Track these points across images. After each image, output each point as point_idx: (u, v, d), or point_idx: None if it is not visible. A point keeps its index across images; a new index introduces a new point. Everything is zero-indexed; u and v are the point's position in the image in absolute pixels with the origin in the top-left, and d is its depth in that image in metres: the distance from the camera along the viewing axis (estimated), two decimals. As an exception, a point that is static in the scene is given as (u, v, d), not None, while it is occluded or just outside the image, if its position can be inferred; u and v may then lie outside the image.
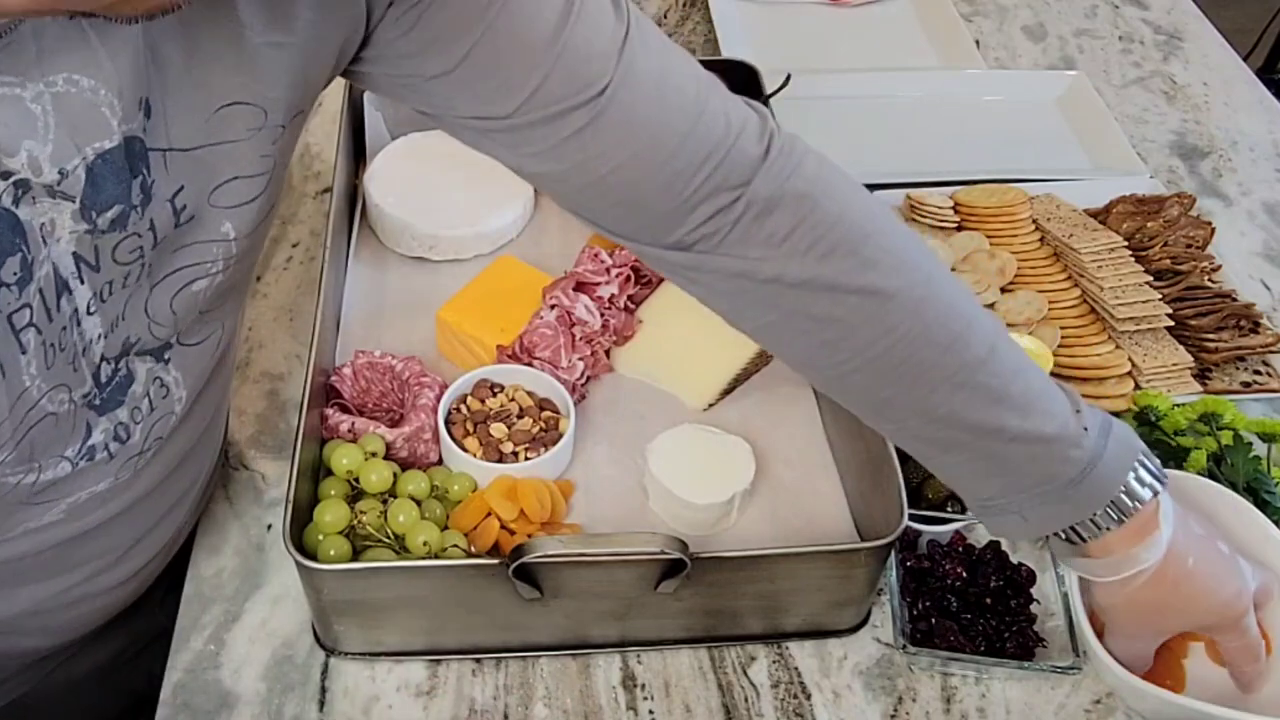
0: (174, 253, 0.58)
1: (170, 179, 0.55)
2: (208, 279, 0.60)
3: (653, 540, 0.69)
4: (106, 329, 0.57)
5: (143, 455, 0.65)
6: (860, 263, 0.62)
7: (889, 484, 0.75)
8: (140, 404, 0.62)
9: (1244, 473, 0.84)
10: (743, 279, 0.63)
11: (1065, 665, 0.75)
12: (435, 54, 0.58)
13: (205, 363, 0.67)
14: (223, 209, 0.58)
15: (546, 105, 0.58)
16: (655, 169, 0.60)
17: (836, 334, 0.63)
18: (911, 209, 1.12)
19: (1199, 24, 1.47)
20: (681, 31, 1.41)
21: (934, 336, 0.62)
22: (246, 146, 0.57)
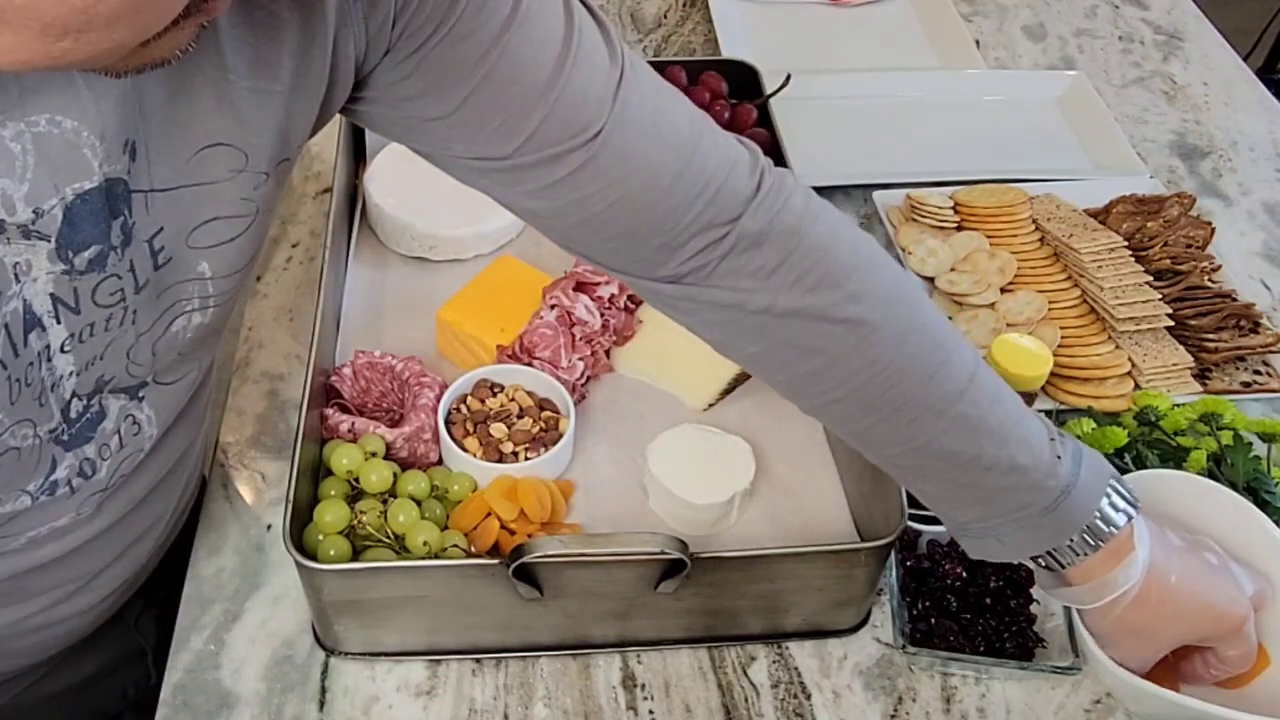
0: (157, 298, 0.58)
1: (150, 220, 0.54)
2: (184, 318, 0.60)
3: (653, 540, 0.69)
4: (80, 367, 0.56)
5: (106, 491, 0.64)
6: (846, 295, 0.63)
7: (889, 484, 0.75)
8: (109, 440, 0.62)
9: (1244, 473, 0.84)
10: (732, 310, 0.64)
11: (1065, 666, 0.75)
12: (434, 98, 0.58)
13: (180, 400, 0.67)
14: (200, 250, 0.58)
15: (543, 148, 0.58)
16: (648, 207, 0.61)
17: (821, 364, 0.64)
18: (911, 209, 1.12)
19: (1199, 24, 1.47)
20: (681, 31, 1.41)
21: (916, 368, 0.63)
22: (227, 188, 0.57)
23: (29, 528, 0.61)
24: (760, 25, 1.41)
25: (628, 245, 0.63)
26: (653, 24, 1.42)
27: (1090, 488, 0.65)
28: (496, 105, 0.57)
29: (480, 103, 0.57)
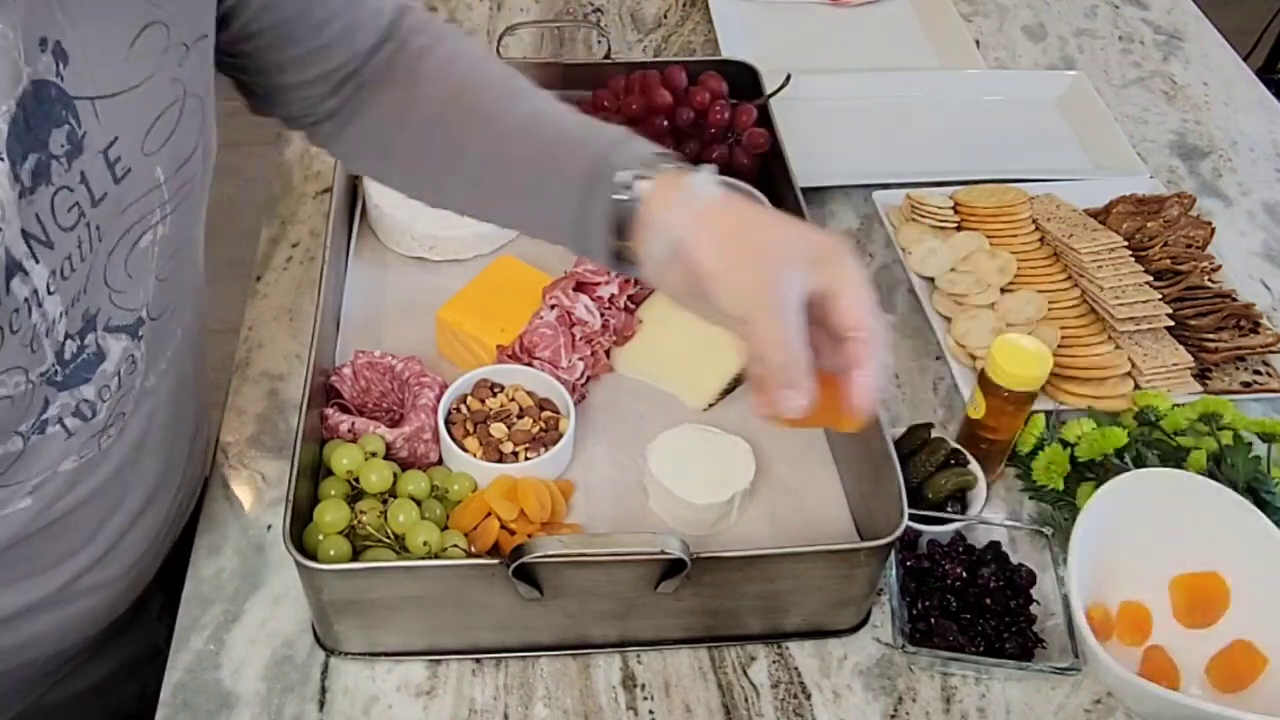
0: (121, 213, 0.58)
1: (103, 129, 0.54)
2: (151, 233, 0.60)
3: (653, 540, 0.70)
4: (67, 305, 0.56)
5: (105, 432, 0.64)
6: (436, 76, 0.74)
7: (889, 484, 0.75)
8: (110, 382, 0.62)
9: (1244, 473, 0.84)
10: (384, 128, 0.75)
11: (1064, 666, 0.75)
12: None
13: (167, 338, 0.68)
14: (154, 154, 0.58)
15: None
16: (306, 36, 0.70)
17: None
18: (911, 209, 1.12)
19: (1199, 24, 1.47)
20: (681, 31, 1.41)
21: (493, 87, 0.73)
22: (161, 75, 0.57)
23: (30, 474, 0.61)
24: (760, 25, 1.41)
25: None
26: (653, 24, 1.42)
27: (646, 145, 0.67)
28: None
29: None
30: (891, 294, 1.07)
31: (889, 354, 0.62)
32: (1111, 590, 0.80)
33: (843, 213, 1.16)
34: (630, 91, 1.10)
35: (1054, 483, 0.87)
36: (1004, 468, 0.90)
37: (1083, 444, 0.86)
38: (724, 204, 0.63)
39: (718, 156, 1.08)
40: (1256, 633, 0.76)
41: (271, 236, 1.09)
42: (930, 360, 1.01)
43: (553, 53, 1.36)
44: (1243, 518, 0.78)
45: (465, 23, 1.40)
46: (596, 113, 1.09)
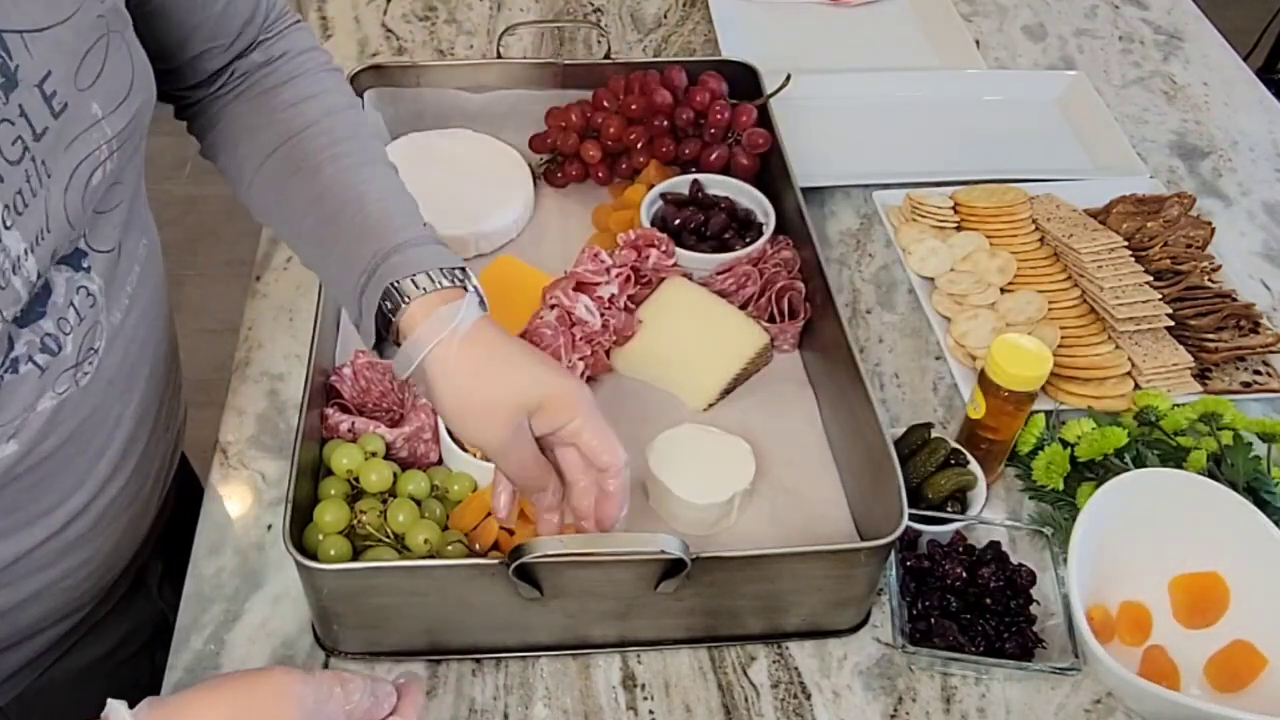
0: (66, 149, 0.58)
1: (35, 63, 0.55)
2: (100, 169, 0.62)
3: (653, 540, 0.69)
4: (31, 242, 0.57)
5: (78, 368, 0.65)
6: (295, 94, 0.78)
7: (889, 484, 0.75)
8: (66, 314, 0.63)
9: (1244, 473, 0.84)
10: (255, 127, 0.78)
11: (1064, 666, 0.75)
12: None
13: (120, 271, 0.69)
14: (88, 90, 0.59)
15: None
16: None
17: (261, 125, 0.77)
18: (911, 209, 1.12)
19: (1199, 24, 1.47)
20: (681, 31, 1.41)
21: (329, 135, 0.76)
22: (84, 13, 0.58)
23: (9, 415, 0.62)
24: (760, 25, 1.41)
25: None
26: (653, 24, 1.42)
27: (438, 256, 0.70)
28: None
29: None
30: (891, 294, 1.07)
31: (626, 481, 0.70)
32: (1111, 590, 0.80)
33: (843, 213, 1.16)
34: (630, 91, 1.10)
35: (1054, 483, 0.87)
36: (1004, 468, 0.90)
37: (1083, 444, 0.86)
38: (469, 342, 0.67)
39: (717, 157, 1.08)
40: (1256, 633, 0.76)
41: (271, 236, 1.09)
42: (930, 360, 1.01)
43: (553, 53, 1.36)
44: (1243, 518, 0.78)
45: (465, 23, 1.40)
46: (596, 113, 1.10)
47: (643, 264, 0.96)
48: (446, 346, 0.67)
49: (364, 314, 0.71)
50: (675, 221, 1.03)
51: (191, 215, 2.53)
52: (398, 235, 0.70)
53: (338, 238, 0.72)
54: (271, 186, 0.76)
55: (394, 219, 0.72)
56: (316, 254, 0.75)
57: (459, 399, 0.68)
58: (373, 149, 0.77)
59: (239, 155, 0.78)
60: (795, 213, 0.99)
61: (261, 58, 0.79)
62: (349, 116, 0.78)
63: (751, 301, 0.97)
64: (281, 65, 0.79)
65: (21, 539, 0.68)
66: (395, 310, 0.68)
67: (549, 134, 1.12)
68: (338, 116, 0.77)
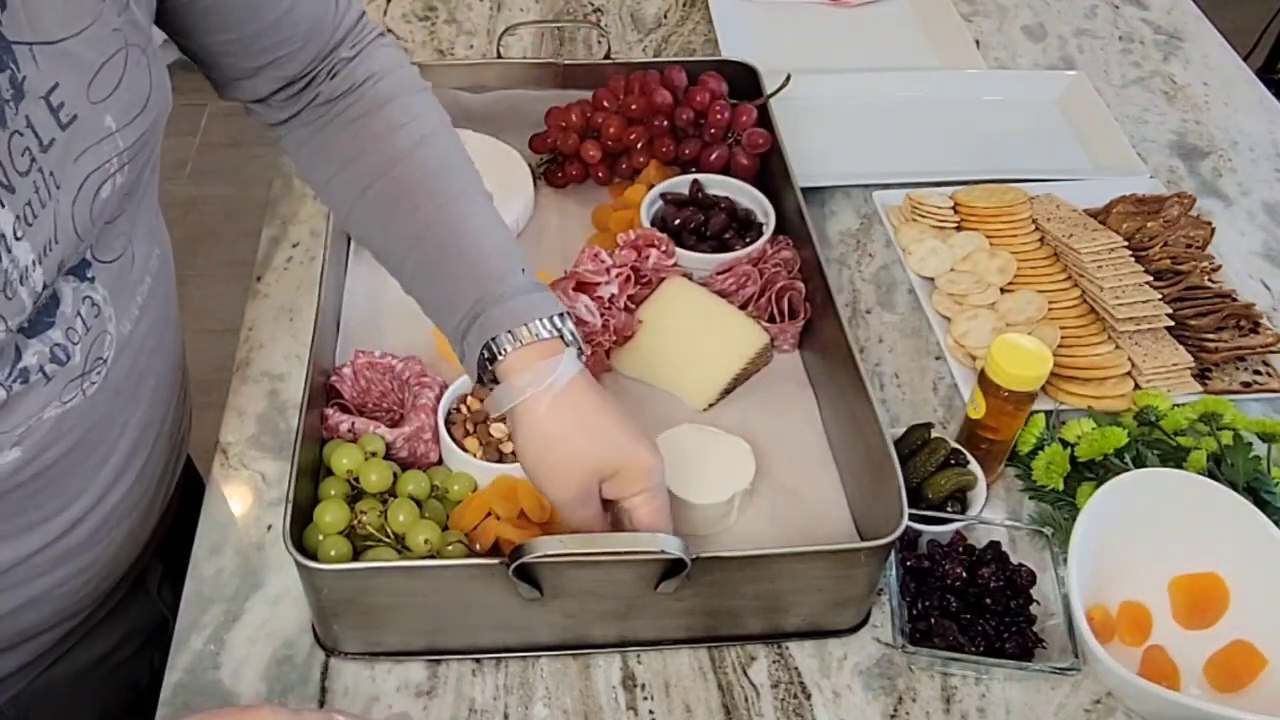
0: (75, 161, 0.58)
1: (42, 75, 0.55)
2: (110, 182, 0.61)
3: (653, 540, 0.70)
4: (39, 253, 0.57)
5: (85, 377, 0.65)
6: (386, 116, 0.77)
7: (889, 484, 0.75)
8: (73, 324, 0.63)
9: (1244, 473, 0.84)
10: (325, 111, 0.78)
11: (1064, 666, 0.75)
12: None
13: (130, 281, 0.69)
14: (102, 103, 0.59)
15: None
16: None
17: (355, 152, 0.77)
18: (911, 209, 1.12)
19: (1199, 24, 1.47)
20: (681, 31, 1.41)
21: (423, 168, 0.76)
22: (100, 26, 0.58)
23: (14, 424, 0.62)
24: (760, 25, 1.41)
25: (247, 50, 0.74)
26: (653, 24, 1.42)
27: (532, 308, 0.72)
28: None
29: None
30: (891, 294, 1.07)
31: None
32: (1111, 590, 0.80)
33: (843, 213, 1.16)
34: (630, 91, 1.10)
35: (1054, 483, 0.87)
36: (1004, 468, 0.90)
37: (1083, 444, 0.86)
38: (560, 400, 0.70)
39: (717, 157, 1.08)
40: (1256, 633, 0.76)
41: (271, 236, 1.09)
42: (930, 360, 1.01)
43: (553, 53, 1.36)
44: (1243, 518, 0.78)
45: (465, 23, 1.40)
46: (596, 113, 1.10)
47: (643, 264, 0.96)
48: (538, 402, 0.70)
49: (465, 357, 0.74)
50: (675, 221, 1.03)
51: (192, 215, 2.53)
52: (497, 285, 0.72)
53: (439, 281, 0.75)
54: (369, 223, 0.78)
55: (492, 263, 0.73)
56: (418, 292, 0.77)
57: (539, 453, 0.71)
58: (466, 178, 0.77)
59: (333, 187, 0.79)
60: (795, 213, 0.99)
61: (346, 83, 0.78)
62: (440, 143, 0.78)
63: (751, 301, 0.97)
64: (368, 91, 0.78)
65: (21, 544, 0.68)
66: (494, 360, 0.72)
67: (549, 134, 1.12)
68: (430, 146, 0.77)
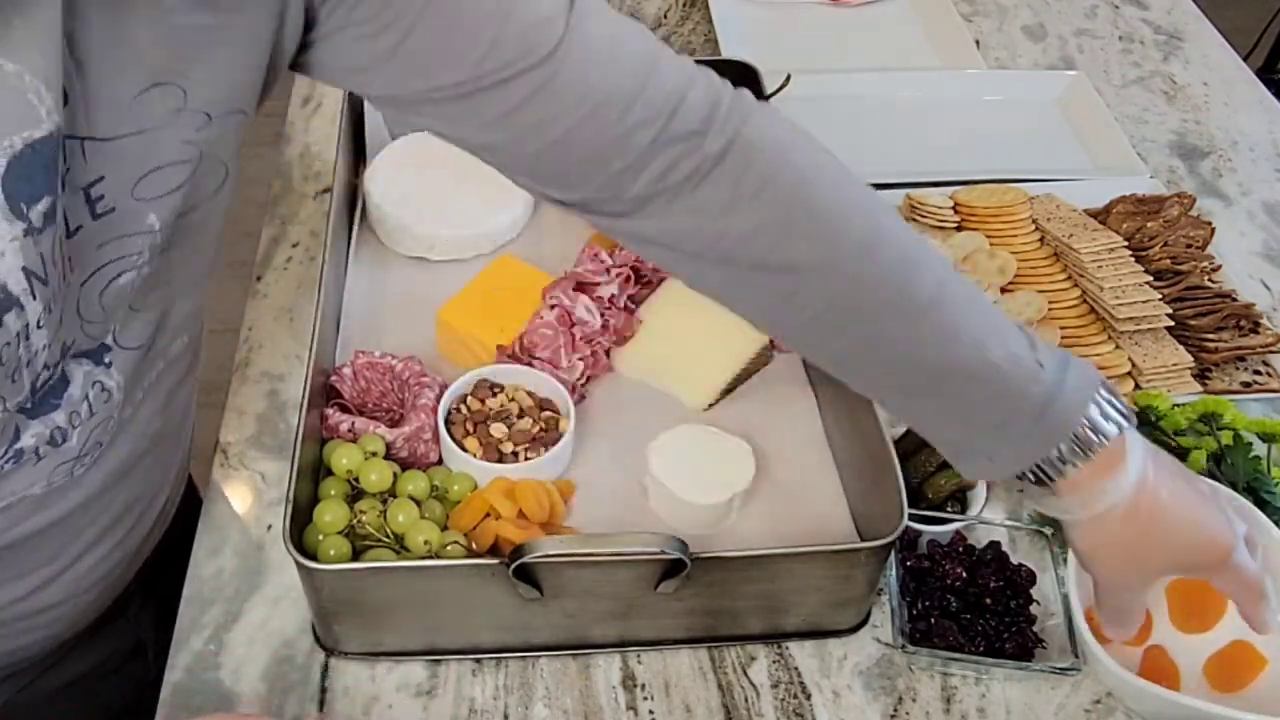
0: (98, 248, 0.56)
1: (87, 168, 0.53)
2: (134, 271, 0.58)
3: (653, 540, 0.70)
4: (51, 338, 0.55)
5: (79, 460, 0.62)
6: (807, 209, 0.63)
7: (889, 484, 0.75)
8: (79, 408, 0.60)
9: (1244, 473, 0.84)
10: (698, 236, 0.64)
11: (1064, 666, 0.75)
12: (383, 31, 0.58)
13: (149, 369, 0.65)
14: (147, 201, 0.56)
15: (499, 70, 0.58)
16: (609, 126, 0.60)
17: (792, 283, 0.64)
18: (911, 209, 1.12)
19: (1199, 24, 1.47)
20: (681, 32, 1.41)
21: (886, 277, 0.63)
22: (169, 132, 0.55)
23: (1, 498, 0.60)
24: (760, 25, 1.41)
25: (590, 171, 0.62)
26: (653, 24, 1.42)
27: (1078, 394, 0.64)
28: (446, 29, 0.57)
29: (430, 28, 0.57)
30: (891, 294, 1.07)
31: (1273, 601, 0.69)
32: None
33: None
34: (630, 91, 1.10)
35: (1054, 483, 0.87)
36: (1004, 468, 0.90)
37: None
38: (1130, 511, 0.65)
39: (718, 156, 1.08)
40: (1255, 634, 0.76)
41: (271, 236, 1.09)
42: (930, 360, 1.01)
43: (553, 53, 1.36)
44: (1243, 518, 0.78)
45: (465, 23, 1.40)
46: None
47: (643, 264, 0.96)
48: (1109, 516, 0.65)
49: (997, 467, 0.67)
50: (675, 221, 1.02)
51: (191, 215, 2.53)
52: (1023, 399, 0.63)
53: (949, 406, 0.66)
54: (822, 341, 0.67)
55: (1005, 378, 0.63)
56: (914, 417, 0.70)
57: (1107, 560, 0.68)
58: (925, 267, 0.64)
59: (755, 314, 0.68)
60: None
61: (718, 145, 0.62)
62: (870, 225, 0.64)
63: (751, 301, 0.97)
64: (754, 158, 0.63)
65: None
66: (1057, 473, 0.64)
67: (549, 134, 1.12)
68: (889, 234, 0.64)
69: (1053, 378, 0.64)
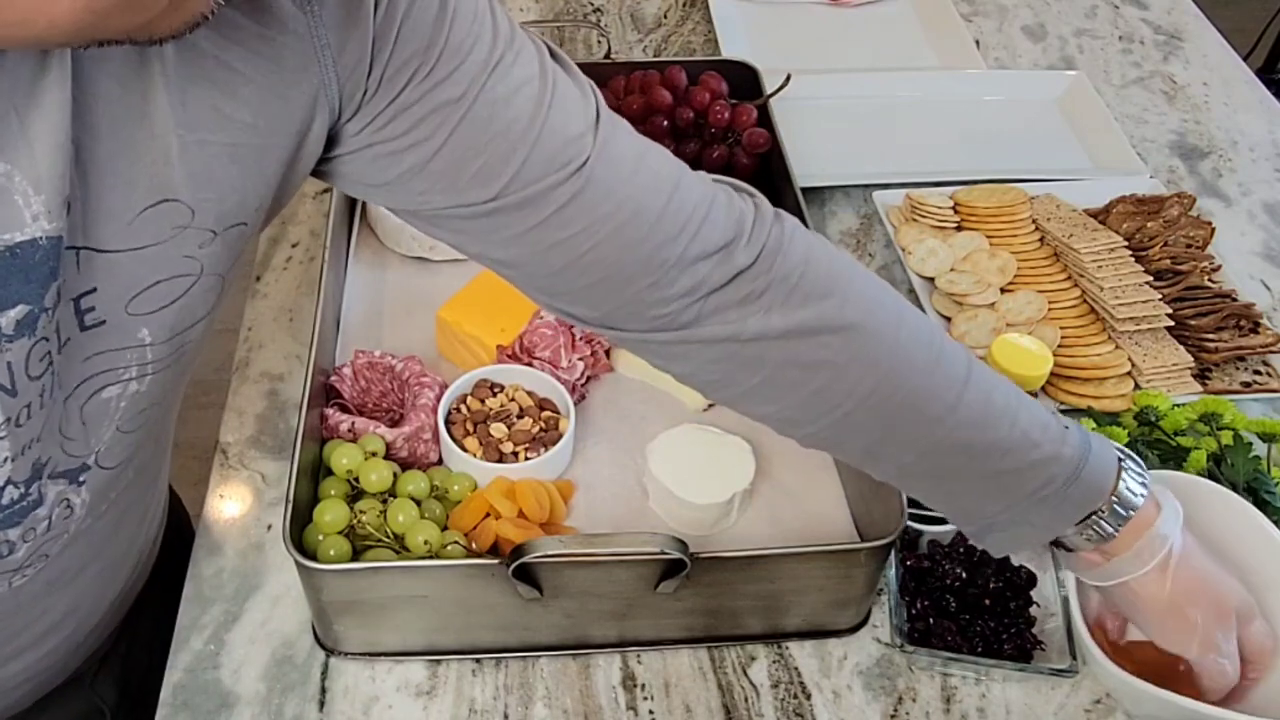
0: (84, 361, 0.52)
1: (81, 278, 0.50)
2: (119, 385, 0.55)
3: (653, 540, 0.70)
4: (16, 452, 0.51)
5: (20, 571, 0.59)
6: (835, 304, 0.63)
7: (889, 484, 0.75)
8: (38, 525, 0.57)
9: (1244, 473, 0.84)
10: (728, 344, 0.64)
11: (1062, 668, 0.75)
12: (411, 147, 0.56)
13: (119, 481, 0.62)
14: (141, 316, 0.53)
15: (527, 186, 0.57)
16: (636, 244, 0.60)
17: (826, 378, 0.64)
18: (911, 209, 1.12)
19: (1199, 24, 1.47)
20: (681, 31, 1.41)
21: (917, 362, 0.64)
22: (170, 247, 0.52)
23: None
24: (760, 25, 1.41)
25: (616, 288, 0.61)
26: (653, 24, 1.42)
27: (1106, 456, 0.66)
28: (476, 148, 0.56)
29: (460, 147, 0.56)
30: (891, 294, 1.07)
31: None
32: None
33: (843, 213, 1.16)
34: (630, 91, 1.10)
35: (1054, 483, 0.87)
36: (1004, 468, 0.90)
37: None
38: (1172, 566, 0.67)
39: (717, 156, 1.08)
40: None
41: (271, 236, 1.09)
42: (930, 360, 1.01)
43: (553, 53, 1.36)
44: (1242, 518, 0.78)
45: (465, 23, 1.40)
46: (596, 113, 1.10)
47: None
48: (1146, 580, 0.67)
49: (1016, 540, 0.69)
50: (675, 221, 1.02)
51: (191, 215, 2.52)
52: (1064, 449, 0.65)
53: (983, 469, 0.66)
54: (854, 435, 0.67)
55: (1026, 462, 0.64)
56: (924, 487, 0.70)
57: (1159, 618, 0.69)
58: (957, 344, 0.67)
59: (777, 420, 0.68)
60: (795, 213, 0.98)
61: (748, 257, 0.63)
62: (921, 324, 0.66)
63: (751, 301, 0.96)
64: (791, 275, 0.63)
65: None
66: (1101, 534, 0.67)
67: (549, 134, 1.12)
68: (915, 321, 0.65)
69: (1079, 440, 0.66)
